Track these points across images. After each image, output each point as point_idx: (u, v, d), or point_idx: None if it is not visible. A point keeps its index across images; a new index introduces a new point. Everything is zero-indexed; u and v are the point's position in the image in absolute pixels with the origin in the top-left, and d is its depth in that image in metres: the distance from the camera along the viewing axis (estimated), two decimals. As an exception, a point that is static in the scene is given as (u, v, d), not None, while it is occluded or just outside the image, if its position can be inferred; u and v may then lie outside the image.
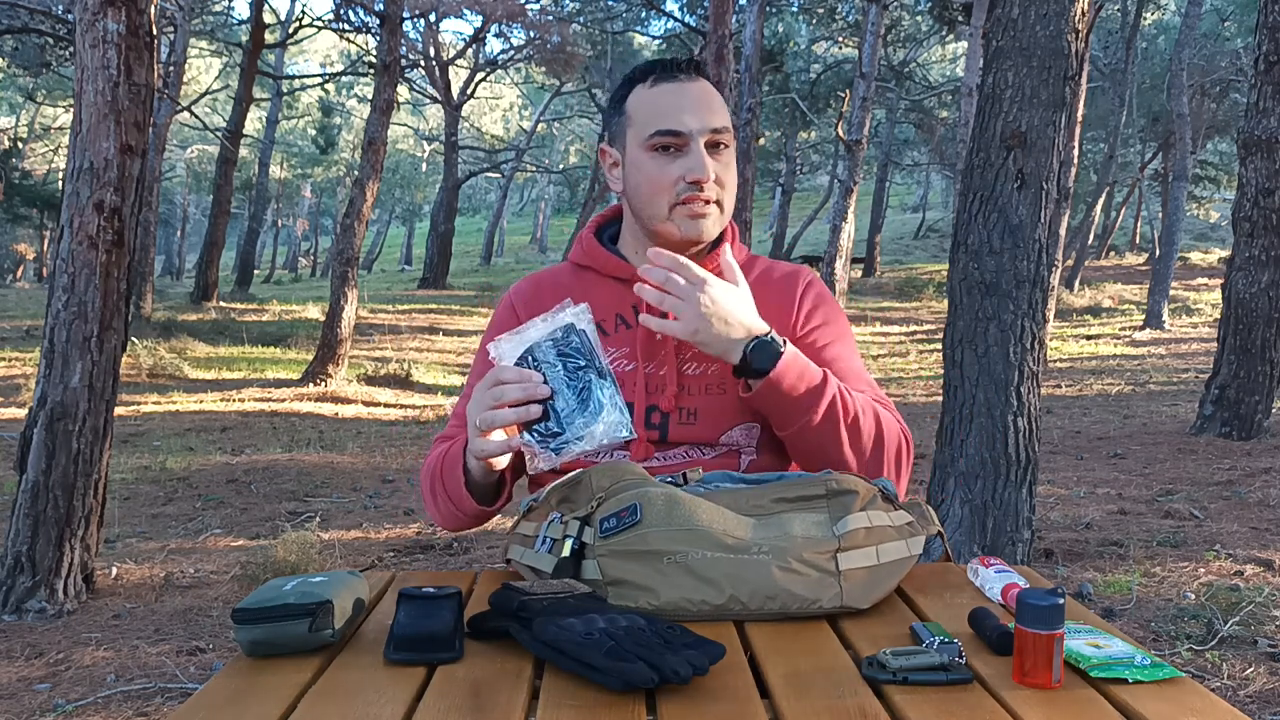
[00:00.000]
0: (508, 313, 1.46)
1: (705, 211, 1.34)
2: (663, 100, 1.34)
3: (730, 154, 1.37)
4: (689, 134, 1.32)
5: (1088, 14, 3.54)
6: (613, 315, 1.39)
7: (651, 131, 1.33)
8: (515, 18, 22.28)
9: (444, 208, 24.89)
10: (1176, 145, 15.33)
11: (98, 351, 3.42)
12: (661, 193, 1.34)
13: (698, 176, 1.31)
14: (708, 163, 1.32)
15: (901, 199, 46.90)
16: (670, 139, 1.32)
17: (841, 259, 15.90)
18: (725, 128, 1.35)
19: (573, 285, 1.44)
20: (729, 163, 1.36)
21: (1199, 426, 6.47)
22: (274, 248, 45.21)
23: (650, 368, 1.35)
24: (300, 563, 3.79)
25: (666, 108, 1.34)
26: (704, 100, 1.35)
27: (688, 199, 1.33)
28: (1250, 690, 2.66)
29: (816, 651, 0.97)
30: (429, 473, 1.37)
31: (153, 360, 10.11)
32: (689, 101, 1.34)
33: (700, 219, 1.34)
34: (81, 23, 3.42)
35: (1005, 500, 3.46)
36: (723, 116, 1.35)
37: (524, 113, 45.48)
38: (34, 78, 20.97)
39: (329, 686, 0.90)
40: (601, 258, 1.43)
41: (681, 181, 1.32)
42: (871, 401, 1.32)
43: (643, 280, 1.23)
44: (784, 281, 1.45)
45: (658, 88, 1.36)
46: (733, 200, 1.39)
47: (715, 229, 1.36)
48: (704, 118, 1.33)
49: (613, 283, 1.41)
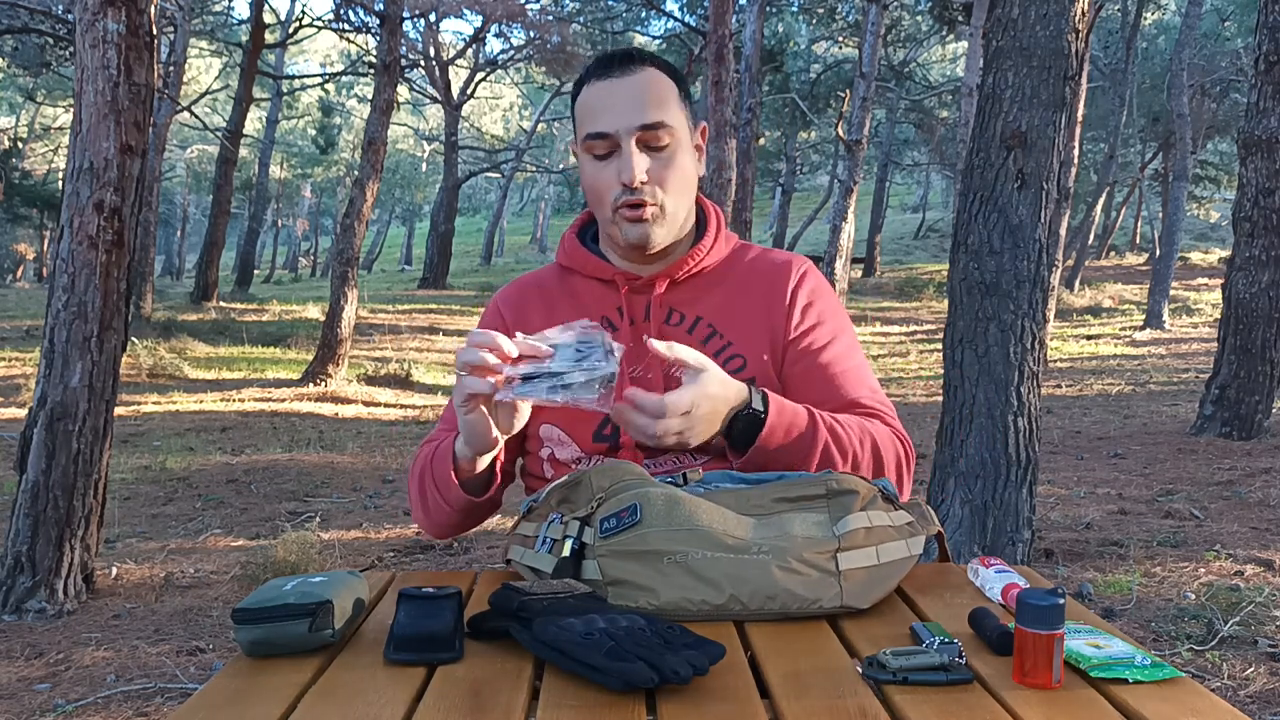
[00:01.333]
0: (495, 317, 1.44)
1: (643, 216, 1.29)
2: (594, 99, 1.29)
3: (673, 148, 1.29)
4: (615, 133, 1.26)
5: (1088, 14, 3.54)
6: (598, 318, 1.36)
7: (583, 134, 1.29)
8: (515, 18, 22.28)
9: (444, 208, 24.89)
10: (1176, 145, 15.33)
11: (98, 351, 3.42)
12: (602, 197, 1.30)
13: (625, 179, 1.26)
14: (636, 163, 1.26)
15: (901, 199, 46.90)
16: (599, 142, 1.28)
17: (841, 259, 15.90)
18: (659, 122, 1.27)
19: (557, 288, 1.42)
20: (671, 157, 1.29)
21: (1199, 426, 6.47)
22: (274, 248, 45.21)
23: (637, 371, 1.32)
24: (300, 563, 3.79)
25: (596, 107, 1.28)
26: (636, 96, 1.27)
27: (624, 203, 1.28)
28: (1250, 690, 2.66)
29: (816, 651, 0.96)
30: (417, 471, 1.33)
31: (153, 360, 10.11)
32: (618, 99, 1.27)
33: (639, 224, 1.29)
34: (81, 23, 3.42)
35: (1005, 500, 3.46)
36: (659, 110, 1.28)
37: (524, 113, 45.48)
38: (34, 78, 20.97)
39: (329, 686, 0.90)
40: (582, 259, 1.40)
41: (616, 184, 1.28)
42: (864, 423, 1.28)
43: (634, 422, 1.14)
44: (774, 276, 1.38)
45: (592, 86, 1.30)
46: (684, 195, 1.32)
47: (662, 232, 1.31)
48: (631, 115, 1.26)
49: (596, 284, 1.39)
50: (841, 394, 1.33)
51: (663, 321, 1.35)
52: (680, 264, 1.36)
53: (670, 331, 1.34)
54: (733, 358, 1.33)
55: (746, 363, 1.33)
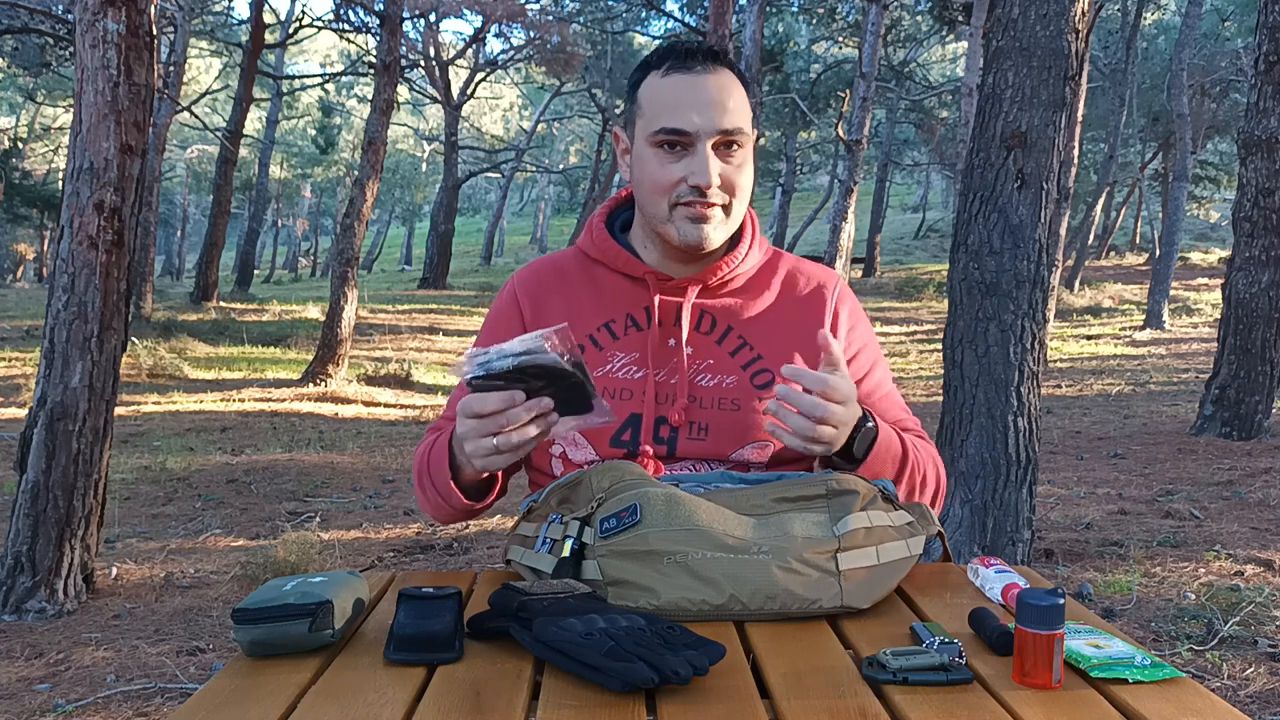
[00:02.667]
0: (510, 307, 1.37)
1: (707, 215, 1.25)
2: (673, 94, 1.24)
3: (744, 154, 1.27)
4: (695, 134, 1.22)
5: (1088, 14, 3.54)
6: (623, 315, 1.32)
7: (656, 128, 1.24)
8: (515, 18, 22.28)
9: (444, 208, 24.88)
10: (1176, 145, 15.34)
11: (98, 351, 3.42)
12: (662, 192, 1.25)
13: (698, 182, 1.23)
14: (712, 167, 1.23)
15: (901, 199, 46.89)
16: (675, 137, 1.23)
17: (841, 259, 15.89)
18: (738, 128, 1.25)
19: (580, 277, 1.36)
20: (742, 164, 1.27)
21: (1199, 426, 6.47)
22: (274, 248, 45.20)
23: (661, 375, 1.28)
24: (300, 563, 3.78)
25: (675, 102, 1.24)
26: (718, 97, 1.24)
27: (689, 202, 1.24)
28: (1250, 690, 2.66)
29: (816, 651, 0.96)
30: (420, 466, 1.31)
31: (153, 360, 10.10)
32: (700, 97, 1.23)
33: (701, 224, 1.25)
34: (81, 23, 3.42)
35: (1005, 500, 3.46)
36: (738, 115, 1.25)
37: (524, 113, 45.47)
38: (34, 78, 20.97)
39: (329, 686, 0.90)
40: (612, 252, 1.33)
41: (684, 184, 1.24)
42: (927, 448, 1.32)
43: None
44: (811, 295, 1.36)
45: (670, 78, 1.25)
46: (744, 202, 1.30)
47: (719, 235, 1.28)
48: (714, 117, 1.23)
49: (623, 280, 1.33)
50: (886, 418, 1.31)
51: (693, 328, 1.30)
52: (714, 269, 1.31)
53: (699, 338, 1.30)
54: (761, 371, 1.29)
55: (775, 378, 1.29)
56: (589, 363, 1.24)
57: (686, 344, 1.29)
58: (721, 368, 1.28)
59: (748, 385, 1.28)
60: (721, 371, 1.28)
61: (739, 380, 1.28)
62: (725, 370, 1.28)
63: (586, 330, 1.31)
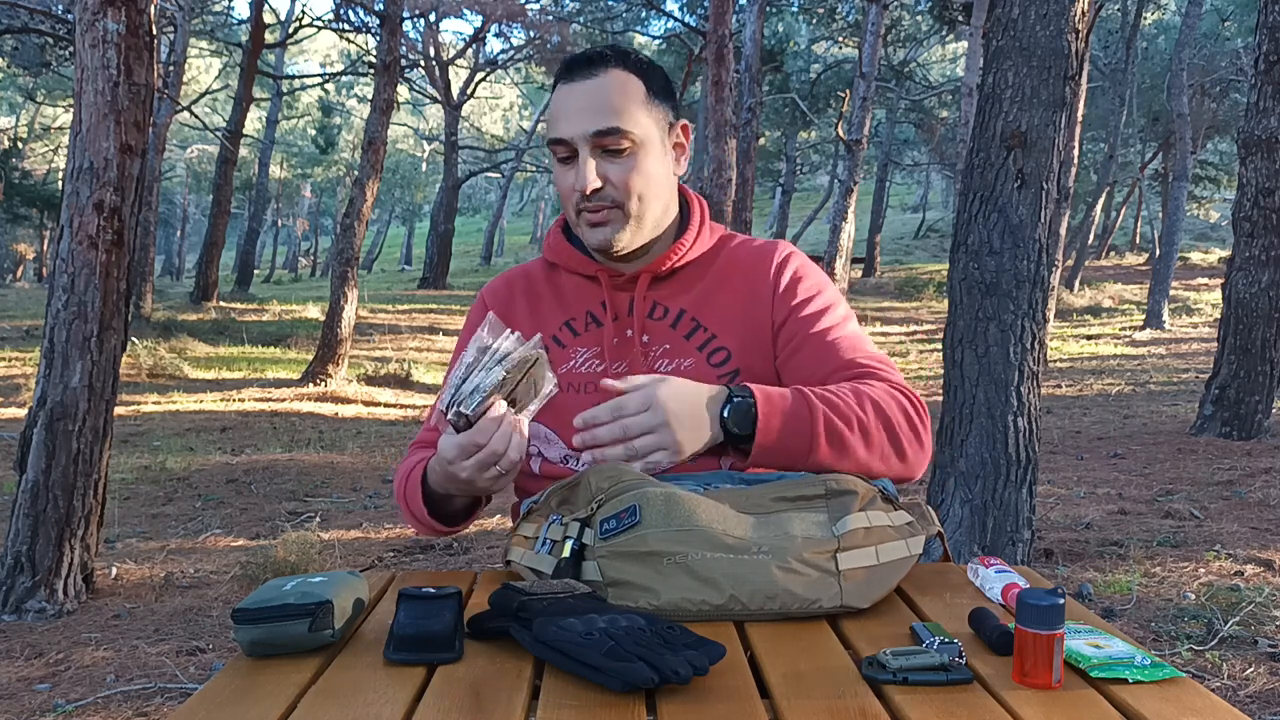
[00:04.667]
0: (480, 312, 1.42)
1: (603, 219, 1.29)
2: (556, 105, 1.30)
3: (633, 151, 1.28)
4: (571, 140, 1.27)
5: (1088, 14, 3.54)
6: (583, 313, 1.37)
7: (548, 140, 1.30)
8: (515, 18, 22.28)
9: (444, 208, 24.89)
10: (1176, 145, 15.34)
11: (98, 351, 3.42)
12: (567, 200, 1.31)
13: (579, 186, 1.27)
14: (589, 171, 1.26)
15: (901, 199, 46.89)
16: (559, 147, 1.28)
17: (841, 259, 15.91)
18: (613, 128, 1.25)
19: (543, 282, 1.42)
20: (634, 161, 1.28)
21: (1199, 426, 6.47)
22: (274, 248, 45.21)
23: (620, 366, 1.32)
24: (300, 563, 3.79)
25: (556, 113, 1.29)
26: (594, 101, 1.26)
27: (582, 209, 1.30)
28: (1250, 690, 2.66)
29: (816, 651, 0.96)
30: (399, 485, 1.34)
31: (153, 360, 10.11)
32: (574, 105, 1.27)
33: (599, 227, 1.30)
34: (81, 23, 3.42)
35: (1005, 500, 3.46)
36: (617, 115, 1.26)
37: (524, 113, 45.47)
38: (34, 78, 20.97)
39: (329, 686, 0.90)
40: (567, 254, 1.39)
41: (575, 191, 1.29)
42: (857, 386, 1.21)
43: (586, 439, 1.11)
44: (755, 264, 1.37)
45: (558, 89, 1.31)
46: (652, 199, 1.31)
47: (625, 236, 1.30)
48: (585, 121, 1.26)
49: (580, 279, 1.39)
50: (837, 359, 1.28)
51: (646, 316, 1.34)
52: (662, 259, 1.35)
53: (654, 326, 1.34)
54: (717, 350, 1.32)
55: (731, 355, 1.32)
56: (553, 360, 1.30)
57: (642, 332, 1.33)
58: (678, 351, 1.32)
59: (704, 365, 1.32)
60: (679, 355, 1.32)
61: (696, 361, 1.31)
62: (682, 354, 1.32)
63: (550, 330, 1.37)
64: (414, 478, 1.28)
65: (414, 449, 1.39)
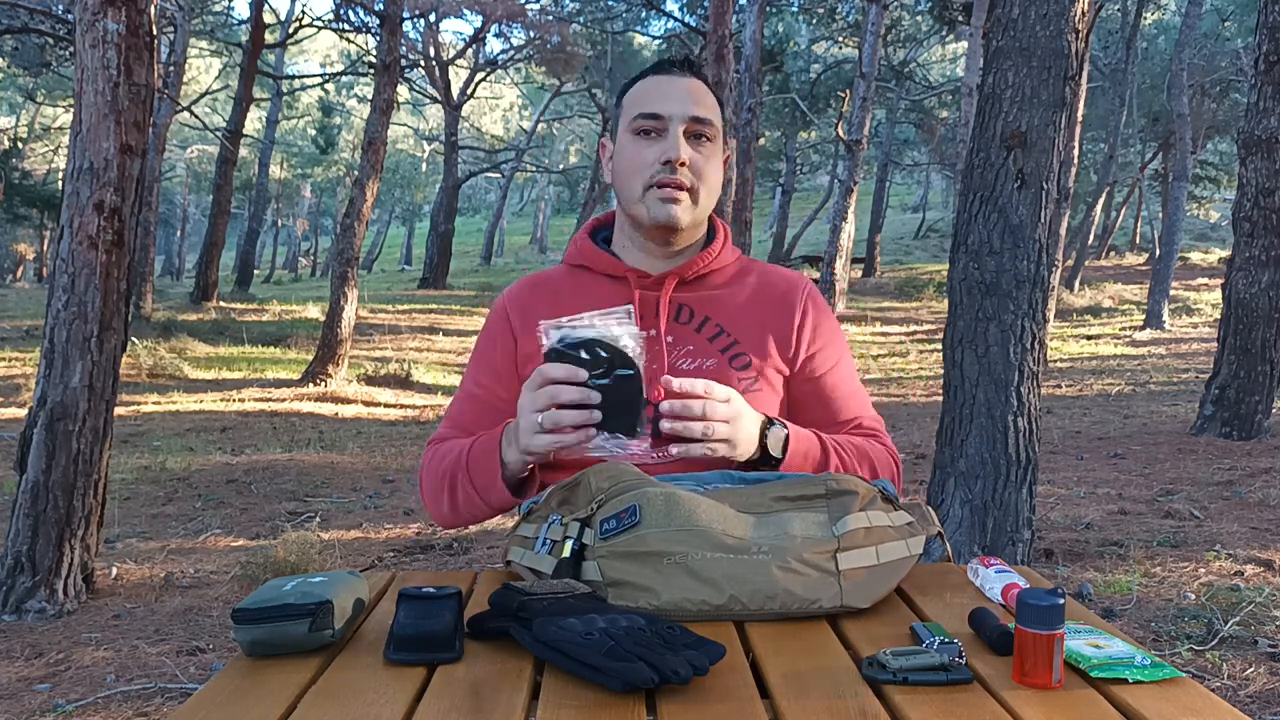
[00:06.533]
0: (500, 319, 1.45)
1: (676, 197, 1.35)
2: (650, 88, 1.39)
3: (713, 148, 1.39)
4: (668, 118, 1.35)
5: (1088, 14, 3.54)
6: None
7: (634, 114, 1.37)
8: (515, 18, 22.28)
9: (444, 208, 24.88)
10: (1176, 145, 15.34)
11: (98, 351, 3.42)
12: (637, 173, 1.36)
13: (670, 156, 1.34)
14: (682, 145, 1.35)
15: (901, 199, 46.89)
16: (650, 122, 1.36)
17: (841, 259, 15.91)
18: (708, 119, 1.37)
19: (568, 287, 1.44)
20: (710, 156, 1.38)
21: (1199, 426, 6.47)
22: (274, 248, 45.20)
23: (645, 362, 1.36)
24: (300, 563, 3.78)
25: (651, 94, 1.38)
26: (690, 93, 1.38)
27: (661, 182, 1.35)
28: (1250, 690, 2.66)
29: (816, 651, 0.96)
30: (443, 469, 1.35)
31: (153, 360, 10.11)
32: (674, 90, 1.37)
33: (671, 204, 1.35)
34: (81, 23, 3.42)
35: (1005, 500, 3.46)
36: (708, 109, 1.38)
37: (524, 113, 45.47)
38: (34, 78, 20.97)
39: (329, 686, 0.90)
40: (594, 256, 1.43)
41: (657, 163, 1.35)
42: (863, 444, 1.37)
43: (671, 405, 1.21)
44: (783, 291, 1.45)
45: (649, 79, 1.41)
46: (712, 196, 1.40)
47: (687, 217, 1.37)
48: (685, 106, 1.36)
49: (607, 281, 1.42)
50: (844, 415, 1.42)
51: (672, 318, 1.38)
52: (690, 265, 1.41)
53: (678, 329, 1.38)
54: (739, 355, 1.37)
55: (752, 362, 1.37)
56: None
57: (666, 334, 1.37)
58: (701, 352, 1.36)
59: (726, 366, 1.36)
60: (701, 355, 1.36)
61: (719, 362, 1.36)
62: (704, 354, 1.36)
63: None
64: (483, 449, 1.30)
65: (433, 444, 1.42)
